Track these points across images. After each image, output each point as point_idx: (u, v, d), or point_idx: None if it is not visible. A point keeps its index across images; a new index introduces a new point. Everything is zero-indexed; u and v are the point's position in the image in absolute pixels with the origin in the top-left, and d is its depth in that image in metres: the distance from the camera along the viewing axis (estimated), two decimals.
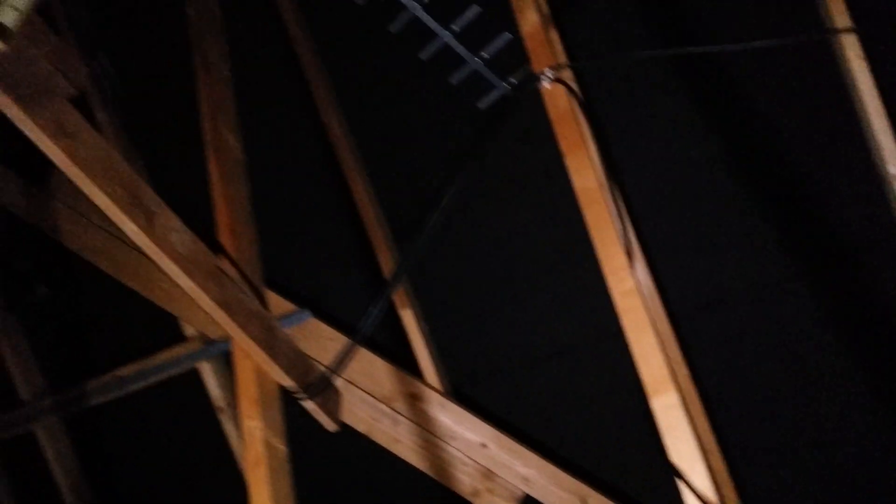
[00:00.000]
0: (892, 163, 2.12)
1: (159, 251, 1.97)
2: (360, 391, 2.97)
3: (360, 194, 2.93)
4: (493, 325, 2.89)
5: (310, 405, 2.61)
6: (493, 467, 2.78)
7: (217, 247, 2.44)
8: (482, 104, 2.78)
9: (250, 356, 2.37)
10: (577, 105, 2.15)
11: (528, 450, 2.75)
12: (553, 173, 2.70)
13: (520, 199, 2.81)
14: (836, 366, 2.50)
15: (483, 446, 2.80)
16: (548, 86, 2.16)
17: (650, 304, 2.49)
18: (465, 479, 2.81)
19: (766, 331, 2.55)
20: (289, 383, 2.49)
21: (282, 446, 2.34)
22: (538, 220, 2.79)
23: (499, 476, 2.78)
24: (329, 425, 2.71)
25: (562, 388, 2.81)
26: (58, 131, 1.69)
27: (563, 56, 2.43)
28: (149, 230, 1.92)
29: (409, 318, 2.87)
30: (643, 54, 2.49)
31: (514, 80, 2.72)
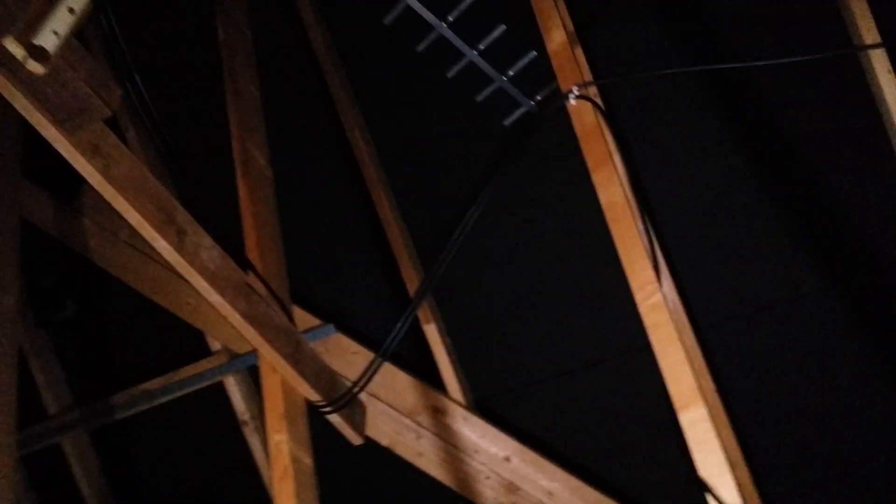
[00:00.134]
0: None
1: (190, 268, 1.99)
2: (383, 405, 2.98)
3: (385, 210, 2.95)
4: (517, 339, 2.89)
5: (335, 419, 2.62)
6: (517, 481, 2.78)
7: (245, 263, 2.46)
8: (507, 121, 2.80)
9: (277, 371, 2.38)
10: (603, 121, 2.15)
11: (552, 463, 2.74)
12: (577, 189, 2.72)
13: (544, 214, 2.82)
14: (864, 378, 2.48)
15: (507, 460, 2.79)
16: (573, 102, 2.17)
17: (676, 318, 2.49)
18: (488, 493, 2.81)
19: (792, 344, 2.54)
20: (315, 397, 2.50)
21: (308, 460, 2.34)
22: (561, 235, 2.80)
23: (522, 490, 2.77)
24: (354, 439, 2.71)
25: (586, 402, 2.81)
26: (93, 151, 1.71)
27: (588, 73, 2.44)
28: (180, 247, 1.94)
29: (432, 333, 2.88)
30: (669, 71, 2.49)
31: (540, 97, 2.74)
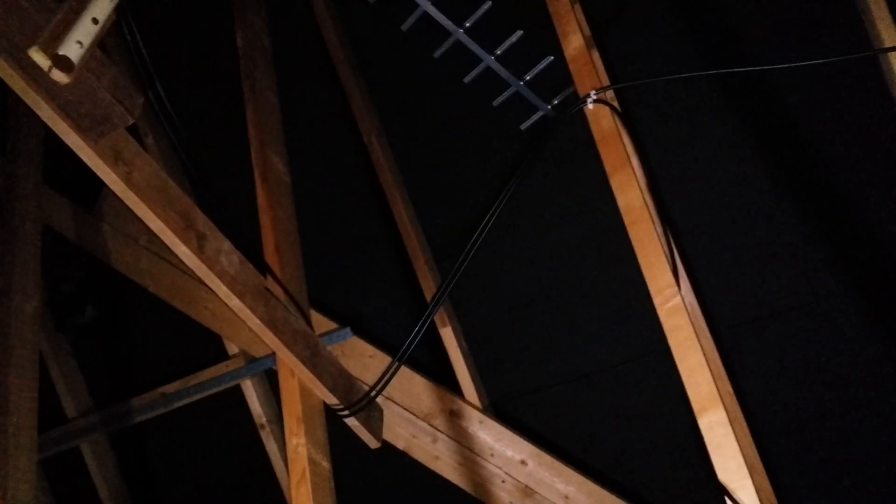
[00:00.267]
0: None
1: (210, 273, 2.01)
2: (399, 408, 2.99)
3: (401, 214, 2.96)
4: (534, 342, 2.89)
5: (353, 422, 2.63)
6: (533, 485, 2.77)
7: (264, 267, 2.48)
8: (525, 126, 2.81)
9: (295, 374, 2.39)
10: (620, 124, 2.16)
11: (569, 467, 2.73)
12: (594, 193, 2.72)
13: (561, 218, 2.82)
14: (882, 382, 2.46)
15: (523, 463, 2.79)
16: (591, 106, 2.17)
17: (694, 321, 2.48)
18: (504, 497, 2.80)
19: (811, 347, 2.52)
20: (333, 401, 2.51)
21: (326, 463, 2.35)
22: (579, 238, 2.80)
23: (538, 493, 2.76)
24: (371, 442, 2.72)
25: (603, 406, 2.80)
26: (115, 158, 1.74)
27: (605, 77, 2.44)
28: (200, 253, 1.97)
29: (448, 336, 2.89)
30: (686, 75, 2.48)
31: (557, 102, 2.74)
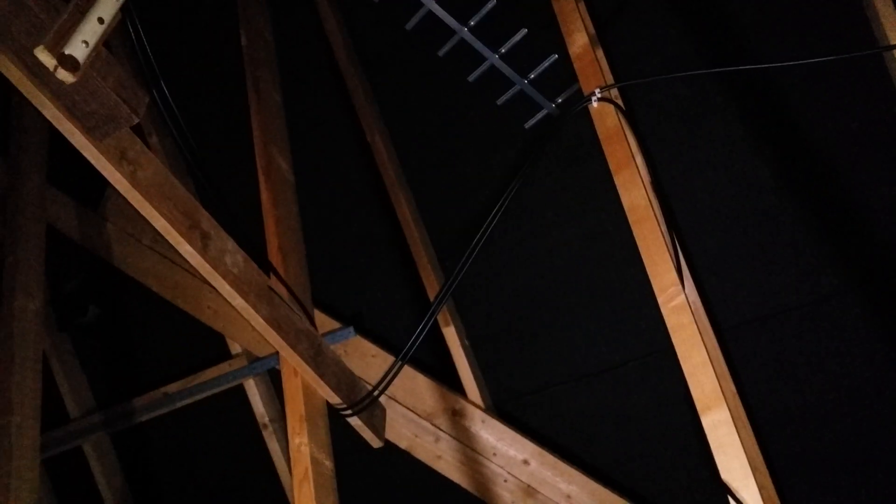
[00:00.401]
0: None
1: (214, 272, 2.01)
2: (402, 407, 2.99)
3: (405, 214, 2.97)
4: (537, 342, 2.89)
5: (356, 422, 2.63)
6: (535, 484, 2.77)
7: (268, 266, 2.48)
8: (529, 124, 2.81)
9: (298, 374, 2.40)
10: (625, 123, 2.16)
11: (571, 466, 2.74)
12: (598, 191, 2.72)
13: (565, 216, 2.82)
14: (886, 380, 2.46)
15: (525, 463, 2.79)
16: (595, 105, 2.17)
17: (698, 320, 2.48)
18: (506, 496, 2.81)
19: (814, 345, 2.53)
20: (336, 400, 2.51)
21: (328, 462, 2.35)
22: (582, 237, 2.80)
23: (541, 493, 2.76)
24: (374, 442, 2.72)
25: (606, 405, 2.80)
26: (120, 158, 1.74)
27: (610, 75, 2.45)
28: (204, 252, 1.97)
29: (451, 335, 2.89)
30: (691, 73, 2.49)
31: (561, 100, 2.74)
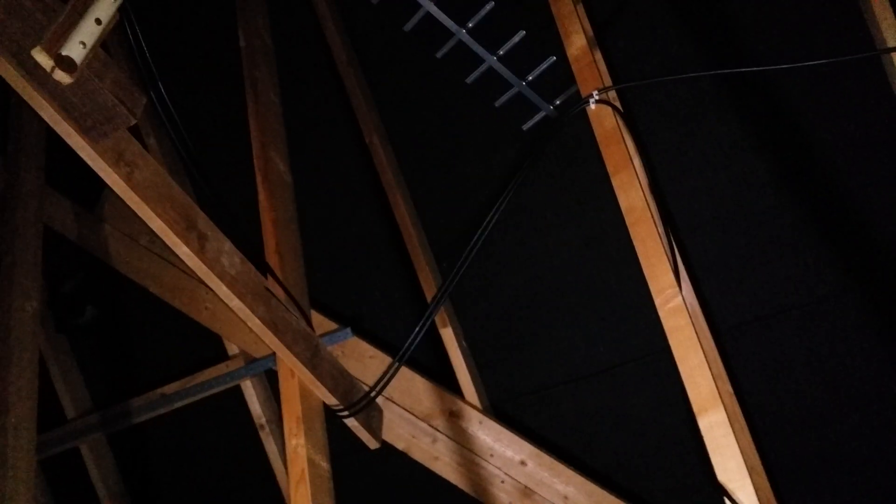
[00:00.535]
0: None
1: (211, 273, 2.01)
2: (399, 408, 2.99)
3: (403, 215, 2.97)
4: (534, 343, 2.89)
5: (352, 423, 2.63)
6: (533, 485, 2.77)
7: (265, 267, 2.48)
8: (527, 126, 2.81)
9: (295, 375, 2.40)
10: (623, 125, 2.16)
11: (568, 468, 2.74)
12: (596, 193, 2.73)
13: (563, 218, 2.82)
14: (883, 382, 2.47)
15: (522, 464, 2.79)
16: (594, 107, 2.18)
17: (695, 322, 2.48)
18: (503, 497, 2.80)
19: (812, 347, 2.53)
20: (332, 401, 2.51)
21: (325, 464, 2.35)
22: (580, 238, 2.80)
23: (538, 494, 2.76)
24: (371, 443, 2.72)
25: (603, 406, 2.81)
26: (117, 159, 1.74)
27: (608, 77, 2.45)
28: (201, 253, 1.97)
29: (448, 336, 2.89)
30: (689, 75, 2.49)
31: (559, 102, 2.75)
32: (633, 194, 2.02)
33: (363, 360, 3.02)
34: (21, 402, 2.51)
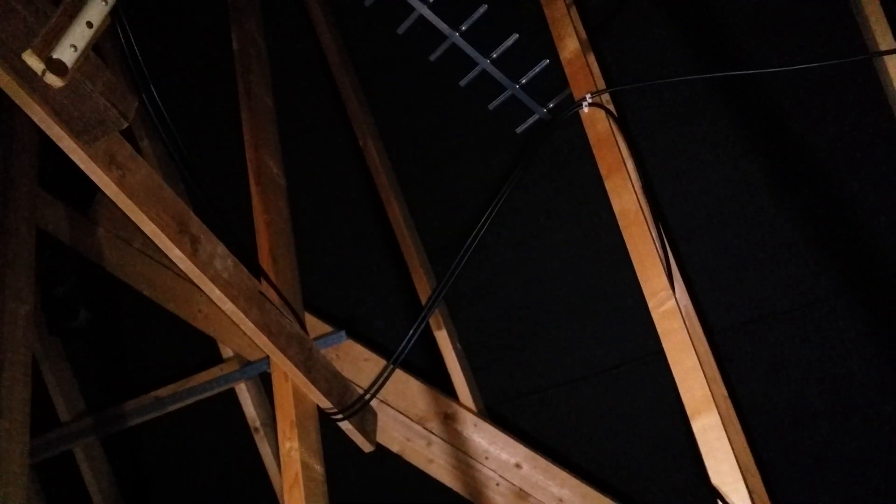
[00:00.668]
0: None
1: (203, 276, 2.01)
2: (393, 411, 2.98)
3: (397, 217, 2.96)
4: (529, 345, 2.89)
5: (346, 426, 2.63)
6: (528, 488, 2.77)
7: (258, 271, 2.48)
8: (520, 129, 2.81)
9: (289, 378, 2.39)
10: (616, 128, 2.16)
11: (563, 470, 2.74)
12: (589, 196, 2.73)
13: (556, 221, 2.82)
14: (878, 384, 2.47)
15: (517, 466, 2.79)
16: (587, 110, 2.18)
17: (688, 325, 2.48)
18: (498, 500, 2.80)
19: (806, 349, 2.53)
20: (326, 404, 2.51)
21: (319, 467, 2.35)
22: (574, 241, 2.80)
23: (533, 497, 2.76)
24: (365, 446, 2.72)
25: (598, 409, 2.81)
26: (109, 162, 1.73)
27: (601, 81, 2.45)
28: (194, 256, 1.96)
29: (443, 339, 2.89)
30: (682, 78, 2.49)
31: (553, 105, 2.75)
32: (626, 197, 2.03)
33: (357, 363, 3.02)
34: (14, 405, 2.50)
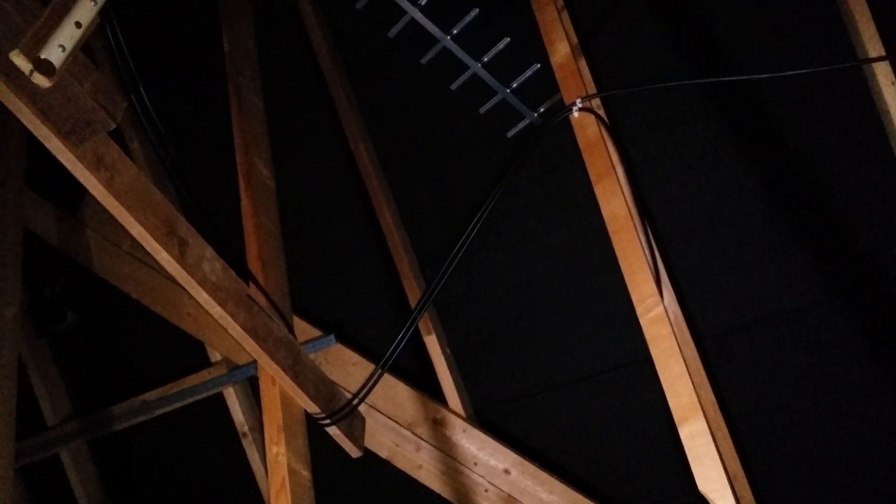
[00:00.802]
0: None
1: (191, 280, 2.00)
2: (382, 416, 2.98)
3: (387, 221, 2.96)
4: (518, 351, 2.89)
5: (334, 431, 2.62)
6: (516, 493, 2.77)
7: (247, 274, 2.47)
8: (511, 133, 2.81)
9: (277, 383, 2.38)
10: (605, 133, 2.17)
11: (552, 476, 2.74)
12: (579, 201, 2.73)
13: (546, 225, 2.83)
14: (867, 390, 2.48)
15: (506, 472, 2.79)
16: (577, 114, 2.18)
17: (677, 330, 2.49)
18: None
19: (795, 355, 2.54)
20: (314, 409, 2.49)
21: (306, 472, 2.34)
22: (563, 246, 2.80)
23: (521, 502, 2.76)
24: (353, 451, 2.71)
25: (586, 414, 2.81)
26: (97, 164, 1.72)
27: (592, 85, 2.46)
28: (182, 259, 1.95)
29: (432, 344, 2.89)
30: (672, 83, 2.50)
31: (543, 109, 2.75)
32: (615, 202, 2.03)
33: (346, 368, 3.01)
34: (0, 408, 2.48)
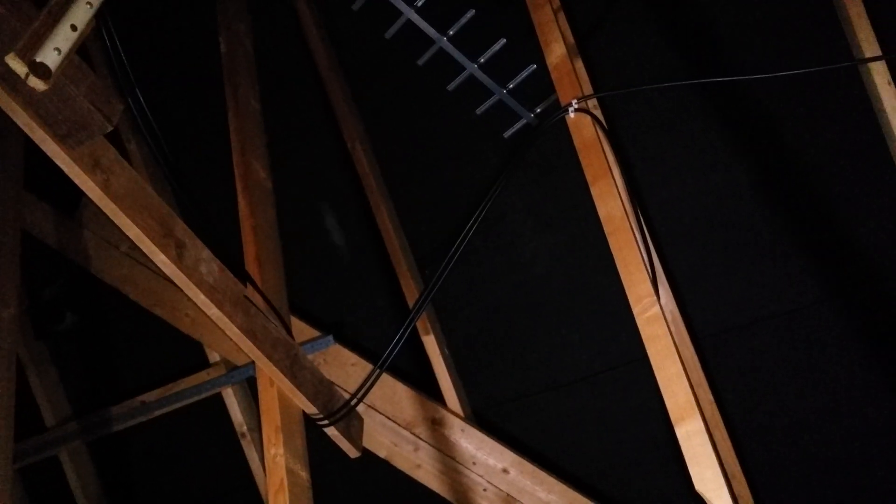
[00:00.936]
0: None
1: (188, 281, 1.99)
2: (381, 416, 2.98)
3: (385, 221, 2.96)
4: (516, 351, 2.89)
5: (332, 432, 2.61)
6: (515, 493, 2.77)
7: (244, 275, 2.47)
8: (507, 134, 2.81)
9: (275, 384, 2.38)
10: (602, 134, 2.16)
11: (550, 475, 2.74)
12: (576, 201, 2.73)
13: (543, 226, 2.83)
14: (864, 390, 2.48)
15: (504, 472, 2.79)
16: (573, 115, 2.18)
17: (674, 330, 2.49)
18: None
19: (792, 355, 2.55)
20: (312, 410, 2.49)
21: (304, 473, 2.34)
22: (560, 246, 2.81)
23: (520, 502, 2.76)
24: (351, 452, 2.70)
25: (584, 414, 2.81)
26: (93, 166, 1.72)
27: (588, 86, 2.45)
28: (179, 261, 1.95)
29: (431, 344, 2.89)
30: (669, 84, 2.50)
31: (540, 110, 2.75)
32: (611, 203, 2.02)
33: (345, 368, 3.01)
34: None
